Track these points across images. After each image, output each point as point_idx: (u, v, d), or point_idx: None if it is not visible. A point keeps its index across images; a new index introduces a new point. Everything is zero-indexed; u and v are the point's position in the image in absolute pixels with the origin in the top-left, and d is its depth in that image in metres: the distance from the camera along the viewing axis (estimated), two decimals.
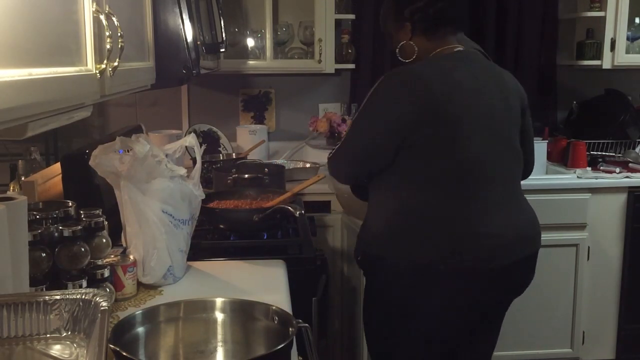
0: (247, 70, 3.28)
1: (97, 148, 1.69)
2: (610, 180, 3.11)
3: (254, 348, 1.26)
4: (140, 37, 1.80)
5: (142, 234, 1.69)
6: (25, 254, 1.28)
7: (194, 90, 3.49)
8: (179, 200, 1.72)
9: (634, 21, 3.43)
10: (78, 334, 1.19)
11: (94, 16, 1.25)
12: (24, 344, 1.17)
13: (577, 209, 3.08)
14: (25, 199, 1.26)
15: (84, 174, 1.92)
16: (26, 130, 1.07)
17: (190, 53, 2.07)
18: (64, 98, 1.11)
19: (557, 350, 3.18)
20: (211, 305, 1.30)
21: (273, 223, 2.15)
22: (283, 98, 3.58)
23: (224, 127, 3.42)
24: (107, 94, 1.36)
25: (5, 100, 0.85)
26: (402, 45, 1.96)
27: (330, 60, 3.25)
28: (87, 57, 1.24)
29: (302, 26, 3.39)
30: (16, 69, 0.90)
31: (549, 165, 3.33)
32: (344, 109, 3.55)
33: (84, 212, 1.56)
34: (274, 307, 1.27)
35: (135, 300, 1.63)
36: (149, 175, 1.66)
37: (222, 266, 1.91)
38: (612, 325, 3.22)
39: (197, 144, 1.84)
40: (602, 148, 3.42)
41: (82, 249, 1.45)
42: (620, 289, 3.18)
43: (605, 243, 3.15)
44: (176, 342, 1.27)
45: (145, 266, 1.70)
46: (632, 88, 3.56)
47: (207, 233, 2.16)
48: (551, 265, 3.07)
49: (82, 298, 1.20)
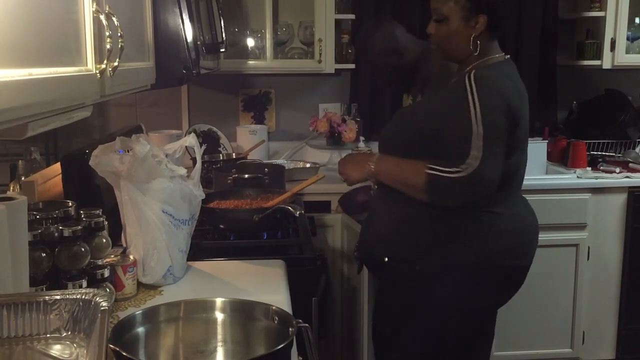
0: (247, 70, 3.27)
1: (97, 148, 1.69)
2: (610, 180, 3.11)
3: (254, 348, 1.26)
4: (140, 37, 1.80)
5: (142, 234, 1.69)
6: (25, 254, 1.28)
7: (194, 90, 3.49)
8: (179, 200, 1.72)
9: (634, 21, 3.43)
10: (78, 334, 1.19)
11: (94, 16, 1.25)
12: (24, 344, 1.17)
13: (577, 209, 3.08)
14: (25, 199, 1.26)
15: (84, 174, 1.92)
16: (26, 130, 1.07)
17: (190, 53, 2.06)
18: (64, 98, 1.11)
19: (557, 350, 3.18)
20: (211, 305, 1.30)
21: (273, 223, 2.15)
22: (283, 98, 3.58)
23: (224, 127, 3.42)
24: (107, 94, 1.36)
25: (5, 100, 0.85)
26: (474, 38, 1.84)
27: (330, 60, 3.25)
28: (87, 57, 1.24)
29: (302, 26, 3.39)
30: (16, 69, 0.90)
31: (549, 165, 3.33)
32: (344, 109, 3.55)
33: (84, 212, 1.56)
34: (274, 307, 1.27)
35: (135, 300, 1.63)
36: (149, 175, 1.66)
37: (222, 266, 1.91)
38: (612, 325, 3.22)
39: (197, 144, 1.84)
40: (602, 148, 3.42)
41: (82, 249, 1.45)
42: (620, 289, 3.18)
43: (605, 243, 3.14)
44: (176, 342, 1.27)
45: (145, 266, 1.70)
46: (632, 88, 3.56)
47: (207, 233, 2.16)
48: (551, 265, 3.07)
49: (82, 298, 1.20)
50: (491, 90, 1.77)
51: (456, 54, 1.91)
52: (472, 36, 1.84)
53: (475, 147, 1.72)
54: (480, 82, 1.77)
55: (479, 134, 1.73)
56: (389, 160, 1.93)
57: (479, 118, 1.73)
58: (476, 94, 1.75)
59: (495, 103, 1.76)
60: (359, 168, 1.99)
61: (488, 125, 1.73)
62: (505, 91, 1.79)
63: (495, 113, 1.75)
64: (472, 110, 1.74)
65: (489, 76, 1.81)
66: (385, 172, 1.93)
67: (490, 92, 1.77)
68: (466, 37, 1.84)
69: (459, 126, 1.76)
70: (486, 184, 1.75)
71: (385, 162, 1.93)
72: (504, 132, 1.77)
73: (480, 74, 1.79)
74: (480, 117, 1.73)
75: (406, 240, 1.91)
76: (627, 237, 3.14)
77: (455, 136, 1.77)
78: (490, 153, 1.73)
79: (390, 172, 1.92)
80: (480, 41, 1.84)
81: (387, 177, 1.93)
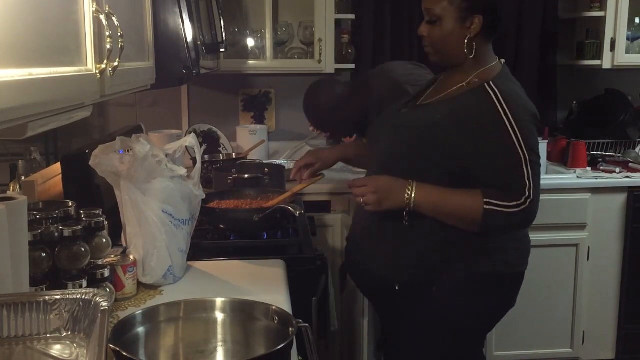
0: (247, 70, 3.27)
1: (97, 148, 1.69)
2: (610, 180, 3.10)
3: (254, 348, 1.26)
4: (140, 37, 1.79)
5: (142, 234, 1.69)
6: (25, 254, 1.27)
7: (194, 90, 3.49)
8: (179, 200, 1.72)
9: (634, 21, 3.43)
10: (78, 334, 1.19)
11: (94, 16, 1.25)
12: (24, 344, 1.17)
13: (577, 209, 3.08)
14: (25, 199, 1.26)
15: (84, 174, 1.92)
16: (26, 130, 1.07)
17: (190, 53, 2.07)
18: (64, 98, 1.11)
19: (557, 350, 3.18)
20: (211, 305, 1.30)
21: (273, 223, 2.15)
22: (283, 98, 3.58)
23: (224, 127, 3.41)
24: (107, 94, 1.36)
25: (5, 100, 0.85)
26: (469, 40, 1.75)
27: (330, 60, 3.25)
28: (87, 57, 1.24)
29: (302, 26, 3.39)
30: (16, 69, 0.90)
31: (549, 165, 3.33)
32: None
33: (84, 212, 1.56)
34: (274, 307, 1.27)
35: (135, 300, 1.63)
36: (149, 175, 1.66)
37: (222, 266, 1.91)
38: (612, 325, 3.22)
39: (197, 144, 1.84)
40: (602, 148, 3.42)
41: (82, 249, 1.45)
42: (620, 289, 3.18)
43: (605, 243, 3.14)
44: (176, 342, 1.27)
45: (145, 266, 1.70)
46: (632, 88, 3.56)
47: (207, 233, 2.16)
48: (551, 265, 3.07)
49: (82, 298, 1.20)
50: (522, 109, 1.71)
51: (451, 57, 1.81)
52: (467, 37, 1.75)
53: (526, 175, 1.67)
54: (509, 99, 1.70)
55: (525, 161, 1.67)
56: (430, 188, 1.76)
57: (521, 142, 1.67)
58: (510, 115, 1.68)
59: (528, 122, 1.71)
60: (395, 195, 1.76)
61: (530, 150, 1.68)
62: (529, 105, 1.75)
63: (531, 135, 1.71)
64: (512, 133, 1.67)
65: (513, 91, 1.74)
66: (430, 203, 1.75)
67: (522, 111, 1.71)
68: (461, 39, 1.75)
69: (503, 152, 1.69)
70: (536, 210, 1.71)
71: (428, 191, 1.76)
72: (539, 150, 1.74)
73: (505, 88, 1.72)
74: (522, 142, 1.67)
75: (420, 261, 1.82)
76: (627, 237, 3.13)
77: (503, 164, 1.70)
78: (536, 178, 1.69)
79: (436, 202, 1.75)
80: (475, 43, 1.76)
81: (431, 208, 1.76)
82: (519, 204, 1.68)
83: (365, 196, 1.79)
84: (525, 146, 1.67)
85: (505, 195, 1.69)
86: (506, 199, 1.68)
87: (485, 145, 1.71)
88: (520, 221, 1.73)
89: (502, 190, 1.70)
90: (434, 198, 1.76)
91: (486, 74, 1.77)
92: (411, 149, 1.82)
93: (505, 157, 1.70)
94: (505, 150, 1.69)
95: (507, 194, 1.69)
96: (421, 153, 1.79)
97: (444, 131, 1.75)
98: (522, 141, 1.67)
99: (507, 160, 1.69)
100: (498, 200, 1.69)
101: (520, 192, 1.68)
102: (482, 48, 1.79)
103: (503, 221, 1.70)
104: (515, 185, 1.68)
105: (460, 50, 1.77)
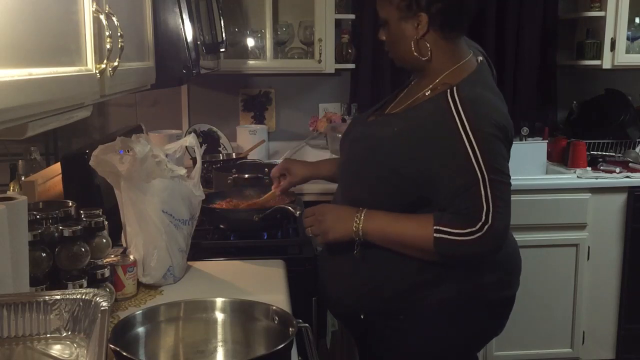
0: (247, 70, 3.27)
1: (97, 148, 1.69)
2: (610, 180, 3.10)
3: (254, 348, 1.26)
4: (140, 37, 1.79)
5: (142, 234, 1.69)
6: (25, 254, 1.27)
7: (194, 90, 3.49)
8: (179, 200, 1.72)
9: (634, 21, 3.43)
10: (78, 334, 1.19)
11: (94, 16, 1.25)
12: (24, 344, 1.17)
13: (577, 209, 3.08)
14: (25, 199, 1.26)
15: (84, 174, 1.92)
16: (26, 130, 1.07)
17: (190, 53, 2.07)
18: (64, 98, 1.11)
19: (557, 350, 3.18)
20: (211, 305, 1.30)
21: (273, 223, 2.15)
22: (283, 98, 3.58)
23: (224, 127, 3.41)
24: (107, 94, 1.36)
25: (5, 100, 0.85)
26: (417, 41, 1.58)
27: (330, 60, 3.25)
28: (87, 57, 1.24)
29: (302, 26, 3.39)
30: (16, 69, 0.90)
31: (549, 165, 3.33)
32: (344, 109, 3.55)
33: (84, 212, 1.56)
34: (274, 307, 1.27)
35: (135, 300, 1.63)
36: (149, 175, 1.66)
37: (222, 266, 1.91)
38: (612, 325, 3.22)
39: (197, 144, 1.84)
40: (602, 148, 3.42)
41: (82, 249, 1.45)
42: (620, 289, 3.18)
43: (605, 243, 3.14)
44: (176, 342, 1.28)
45: (145, 266, 1.70)
46: (632, 88, 3.56)
47: (207, 233, 2.16)
48: (551, 265, 3.07)
49: (82, 298, 1.20)
50: (484, 119, 1.49)
51: (406, 61, 1.64)
52: (415, 39, 1.57)
53: (484, 197, 1.46)
54: (469, 107, 1.49)
55: (484, 180, 1.46)
56: (379, 217, 1.59)
57: (479, 159, 1.46)
58: (468, 126, 1.47)
59: (490, 135, 1.49)
60: (343, 225, 1.61)
61: (490, 167, 1.47)
62: (496, 115, 1.53)
63: (494, 149, 1.49)
64: (469, 148, 1.46)
65: (479, 98, 1.53)
66: (378, 231, 1.59)
67: (484, 122, 1.49)
68: (410, 41, 1.58)
69: (456, 170, 1.49)
70: (500, 236, 1.49)
71: (376, 219, 1.59)
72: (507, 166, 1.53)
73: (469, 94, 1.51)
74: (482, 162, 1.46)
75: (385, 290, 1.64)
76: (627, 237, 3.13)
77: (456, 186, 1.49)
78: (500, 202, 1.47)
79: (385, 232, 1.58)
80: (429, 44, 1.58)
81: (380, 237, 1.59)
82: (473, 231, 1.46)
83: (313, 226, 1.69)
84: (484, 163, 1.46)
85: (458, 221, 1.49)
86: (458, 226, 1.48)
87: (437, 163, 1.51)
88: (480, 248, 1.48)
89: (456, 215, 1.50)
90: (383, 227, 1.58)
91: (453, 77, 1.58)
92: (365, 165, 1.64)
93: (458, 176, 1.49)
94: (458, 168, 1.48)
95: (460, 220, 1.49)
96: (373, 171, 1.61)
97: (395, 147, 1.57)
98: (480, 157, 1.46)
99: (461, 180, 1.48)
100: (449, 227, 1.48)
101: (476, 217, 1.46)
102: (443, 48, 1.60)
103: (456, 251, 1.49)
104: (470, 210, 1.47)
105: (411, 53, 1.60)
